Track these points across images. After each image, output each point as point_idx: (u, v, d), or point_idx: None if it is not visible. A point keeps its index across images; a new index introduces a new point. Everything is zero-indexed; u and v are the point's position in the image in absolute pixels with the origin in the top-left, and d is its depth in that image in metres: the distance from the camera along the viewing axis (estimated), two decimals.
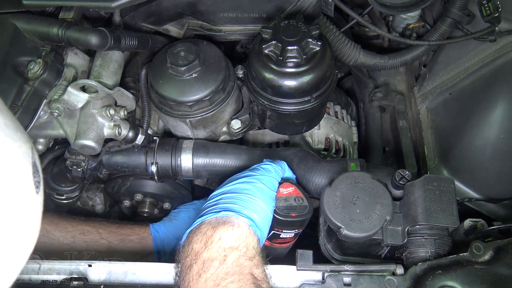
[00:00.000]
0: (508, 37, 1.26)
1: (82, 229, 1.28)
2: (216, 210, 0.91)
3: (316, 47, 1.03)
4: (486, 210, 1.32)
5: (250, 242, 0.88)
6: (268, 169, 1.02)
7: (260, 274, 0.86)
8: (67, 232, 1.26)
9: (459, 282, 0.88)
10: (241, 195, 0.94)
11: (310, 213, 1.01)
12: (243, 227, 0.89)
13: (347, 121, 1.46)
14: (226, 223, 0.88)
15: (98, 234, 1.28)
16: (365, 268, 0.95)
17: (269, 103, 1.12)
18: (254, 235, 0.90)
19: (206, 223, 0.90)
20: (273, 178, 1.00)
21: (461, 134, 1.33)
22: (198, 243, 0.86)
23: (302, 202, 1.02)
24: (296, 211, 1.00)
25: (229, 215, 0.90)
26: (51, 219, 1.27)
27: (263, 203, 0.94)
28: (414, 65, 1.64)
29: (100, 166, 1.22)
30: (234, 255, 0.85)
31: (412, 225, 0.96)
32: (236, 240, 0.86)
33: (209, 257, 0.84)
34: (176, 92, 1.13)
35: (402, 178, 1.03)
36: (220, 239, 0.86)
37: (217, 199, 0.96)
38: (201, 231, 0.88)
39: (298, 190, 1.04)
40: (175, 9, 1.25)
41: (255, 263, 0.86)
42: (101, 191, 1.54)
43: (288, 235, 1.05)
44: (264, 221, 0.93)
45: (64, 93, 1.02)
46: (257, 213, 0.92)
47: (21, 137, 0.58)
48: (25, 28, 1.01)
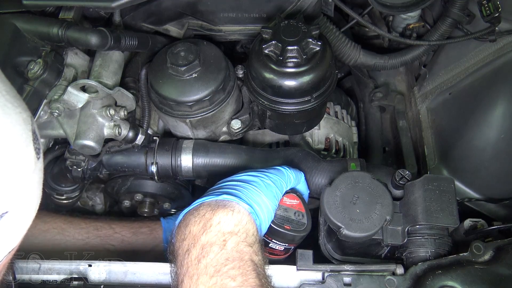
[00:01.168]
0: (508, 37, 1.26)
1: (95, 225, 1.30)
2: (217, 193, 0.90)
3: (316, 47, 1.03)
4: (486, 210, 1.32)
5: (250, 228, 0.87)
6: (281, 170, 1.01)
7: (260, 262, 0.84)
8: (81, 229, 1.28)
9: (459, 282, 0.88)
10: (247, 184, 0.93)
11: (305, 231, 0.99)
12: (243, 213, 0.87)
13: (347, 121, 1.46)
14: (226, 207, 0.86)
15: (111, 229, 1.30)
16: (365, 268, 0.95)
17: (269, 103, 1.12)
18: (253, 223, 0.88)
19: (205, 204, 0.88)
20: (282, 180, 0.98)
21: (461, 134, 1.33)
22: (196, 225, 0.84)
23: (301, 218, 1.00)
24: (291, 224, 0.98)
25: (230, 199, 0.88)
26: (65, 218, 1.29)
27: (266, 198, 0.92)
28: (414, 65, 1.63)
29: (100, 166, 1.22)
30: (234, 240, 0.83)
31: (412, 225, 0.96)
32: (235, 225, 0.84)
33: (208, 241, 0.82)
34: (176, 92, 1.13)
35: (402, 178, 1.03)
36: (219, 223, 0.84)
37: (222, 185, 0.94)
38: (199, 213, 0.86)
39: (302, 205, 1.01)
40: (175, 9, 1.25)
41: (254, 250, 0.84)
42: (101, 191, 1.54)
43: (277, 246, 1.02)
44: (264, 214, 0.91)
45: (64, 93, 1.02)
46: (258, 204, 0.90)
47: (21, 105, 0.59)
48: (25, 28, 1.01)
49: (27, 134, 0.58)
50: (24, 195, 0.58)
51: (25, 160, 0.57)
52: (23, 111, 0.59)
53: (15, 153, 0.56)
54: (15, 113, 0.57)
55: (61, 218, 1.29)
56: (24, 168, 0.57)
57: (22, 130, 0.57)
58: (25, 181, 0.57)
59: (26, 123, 0.59)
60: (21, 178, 0.57)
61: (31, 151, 0.58)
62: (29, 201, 0.60)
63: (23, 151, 0.57)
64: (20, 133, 0.57)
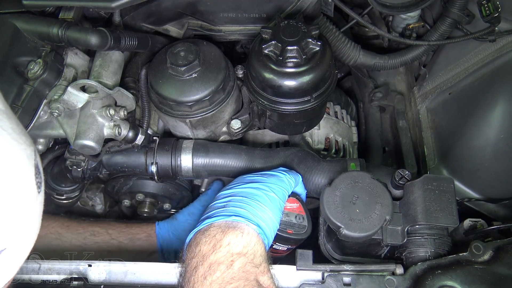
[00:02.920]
0: (508, 37, 1.26)
1: (92, 230, 1.30)
2: (227, 214, 0.91)
3: (316, 47, 1.03)
4: (486, 210, 1.32)
5: (258, 249, 0.89)
6: (281, 178, 1.02)
7: (266, 281, 0.86)
8: (78, 234, 1.28)
9: (459, 282, 0.88)
10: (251, 201, 0.94)
11: (307, 234, 1.02)
12: (252, 235, 0.89)
13: (347, 121, 1.46)
14: (236, 228, 0.88)
15: (108, 235, 1.30)
16: (365, 268, 0.95)
17: (269, 103, 1.12)
18: (262, 243, 0.90)
19: (216, 226, 0.90)
20: (284, 189, 1.00)
21: (461, 134, 1.33)
22: (206, 245, 0.87)
23: (302, 221, 1.03)
24: (293, 228, 1.01)
25: (239, 221, 0.90)
26: (62, 222, 1.29)
27: (272, 213, 0.94)
28: (414, 65, 1.64)
29: (100, 166, 1.22)
30: (242, 261, 0.85)
31: (411, 225, 0.96)
32: (244, 246, 0.87)
33: (216, 261, 0.84)
34: (176, 92, 1.13)
35: (402, 178, 1.03)
36: (229, 244, 0.86)
37: (226, 200, 0.95)
38: (210, 234, 0.88)
39: (302, 208, 1.05)
40: (175, 9, 1.25)
41: (261, 270, 0.87)
42: (101, 191, 1.54)
43: (280, 247, 1.06)
44: (271, 231, 0.94)
45: (64, 93, 1.02)
46: (265, 222, 0.92)
47: (25, 141, 0.60)
48: (25, 28, 1.01)
49: (29, 170, 0.59)
50: (23, 231, 0.58)
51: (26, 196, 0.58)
52: (27, 147, 0.60)
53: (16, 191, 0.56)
54: (20, 150, 0.58)
55: (58, 223, 1.29)
56: (25, 204, 0.58)
57: (25, 166, 0.58)
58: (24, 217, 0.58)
59: (29, 158, 0.59)
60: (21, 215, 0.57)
61: (32, 187, 0.59)
62: (28, 236, 0.60)
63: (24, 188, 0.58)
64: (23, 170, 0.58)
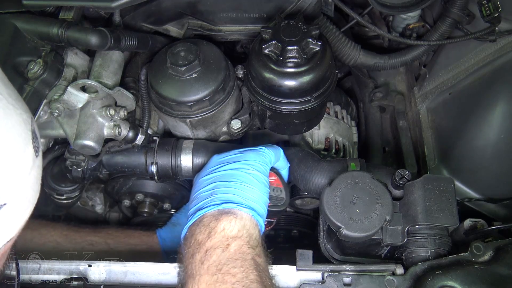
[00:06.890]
0: (508, 37, 1.26)
1: (90, 240, 1.30)
2: (217, 202, 0.92)
3: (316, 47, 1.03)
4: (486, 210, 1.32)
5: (253, 233, 0.90)
6: (260, 152, 1.02)
7: (262, 263, 0.87)
8: (76, 244, 1.28)
9: (459, 282, 0.88)
10: (237, 183, 0.94)
11: (284, 205, 1.02)
12: (246, 218, 0.90)
13: (347, 121, 1.46)
14: (230, 214, 0.89)
15: (106, 245, 1.30)
16: (365, 268, 0.95)
17: (269, 103, 1.12)
18: (256, 226, 0.91)
19: (209, 215, 0.90)
20: (264, 163, 1.00)
21: (461, 134, 1.33)
22: (201, 234, 0.87)
23: (280, 193, 1.03)
24: (271, 201, 1.01)
25: (231, 207, 0.90)
26: (61, 231, 1.30)
27: (260, 191, 0.95)
28: (414, 65, 1.64)
29: (100, 166, 1.22)
30: (237, 243, 0.86)
31: (412, 225, 0.96)
32: (239, 230, 0.88)
33: (211, 246, 0.85)
34: (176, 92, 1.13)
35: (402, 178, 1.02)
36: (223, 230, 0.87)
37: (211, 187, 0.95)
38: (204, 223, 0.89)
39: (279, 181, 1.05)
40: (175, 9, 1.25)
41: (257, 252, 0.87)
42: (101, 191, 1.54)
43: None
44: (263, 209, 0.95)
45: (64, 93, 1.03)
46: (257, 202, 0.93)
47: (22, 106, 0.64)
48: (25, 28, 1.01)
49: (26, 134, 0.63)
50: (22, 189, 0.62)
51: (24, 157, 0.62)
52: (24, 112, 0.63)
53: (15, 151, 0.60)
54: (16, 114, 0.61)
55: (57, 231, 1.30)
56: (23, 165, 0.62)
57: (22, 130, 0.62)
58: (23, 176, 0.62)
59: (26, 123, 0.63)
60: (20, 173, 0.61)
61: (30, 149, 0.63)
62: (27, 195, 0.64)
63: (22, 149, 0.62)
64: (20, 133, 0.61)
